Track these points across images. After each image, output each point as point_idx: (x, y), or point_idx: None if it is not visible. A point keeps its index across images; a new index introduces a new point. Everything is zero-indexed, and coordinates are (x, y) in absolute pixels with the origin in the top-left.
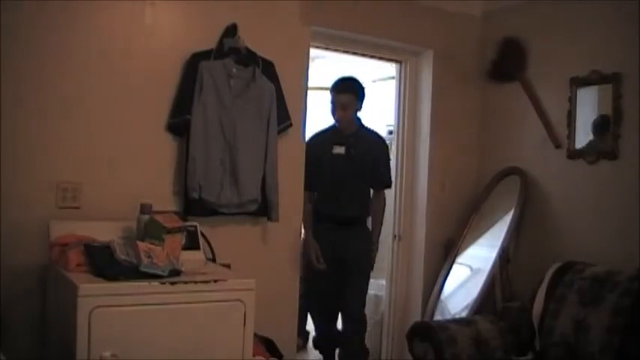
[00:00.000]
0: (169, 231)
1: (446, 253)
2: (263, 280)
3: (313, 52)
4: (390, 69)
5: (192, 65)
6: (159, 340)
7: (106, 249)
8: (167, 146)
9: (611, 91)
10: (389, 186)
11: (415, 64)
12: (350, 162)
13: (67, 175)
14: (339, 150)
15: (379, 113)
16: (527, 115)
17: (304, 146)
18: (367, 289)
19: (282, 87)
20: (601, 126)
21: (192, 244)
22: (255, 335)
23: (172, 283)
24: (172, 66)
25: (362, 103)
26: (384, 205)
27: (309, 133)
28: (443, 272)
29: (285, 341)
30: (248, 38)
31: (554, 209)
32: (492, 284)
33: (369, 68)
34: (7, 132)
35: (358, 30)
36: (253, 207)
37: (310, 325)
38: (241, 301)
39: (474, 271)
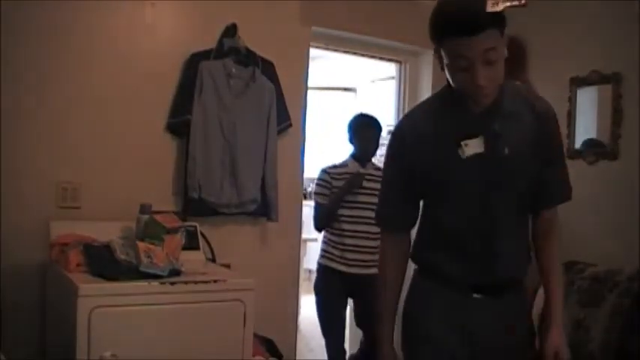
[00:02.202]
0: (169, 231)
1: None
2: (263, 280)
3: (313, 52)
4: (390, 69)
5: (192, 65)
6: (159, 340)
7: (106, 249)
8: (167, 146)
9: (611, 91)
10: (568, 197)
11: (415, 64)
12: (498, 168)
13: (67, 175)
14: (475, 147)
15: (379, 113)
16: None
17: (304, 146)
18: None
19: (282, 87)
20: None
21: (192, 244)
22: (255, 335)
23: (172, 283)
24: (172, 66)
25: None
26: (558, 236)
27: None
28: None
29: (285, 341)
30: (248, 38)
31: None
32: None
33: (369, 68)
34: (8, 132)
35: (358, 30)
36: (253, 207)
37: None
38: (241, 301)
39: None
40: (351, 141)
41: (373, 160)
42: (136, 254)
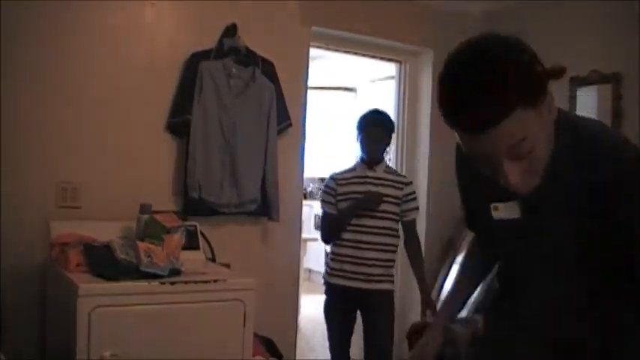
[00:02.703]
0: (169, 231)
1: (446, 252)
2: (263, 280)
3: (313, 52)
4: (390, 69)
5: (192, 65)
6: (159, 340)
7: (106, 249)
8: (167, 146)
9: (611, 91)
10: None
11: (415, 64)
12: (540, 236)
13: (67, 175)
14: (507, 212)
15: None
16: None
17: (304, 146)
18: None
19: (282, 87)
20: None
21: (192, 244)
22: (255, 335)
23: (172, 283)
24: (172, 66)
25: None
26: None
27: None
28: (443, 272)
29: (285, 341)
30: (248, 38)
31: None
32: (492, 284)
33: (369, 68)
34: (8, 132)
35: (358, 30)
36: (253, 207)
37: None
38: (241, 301)
39: None
40: (358, 139)
41: (387, 162)
42: (136, 254)
